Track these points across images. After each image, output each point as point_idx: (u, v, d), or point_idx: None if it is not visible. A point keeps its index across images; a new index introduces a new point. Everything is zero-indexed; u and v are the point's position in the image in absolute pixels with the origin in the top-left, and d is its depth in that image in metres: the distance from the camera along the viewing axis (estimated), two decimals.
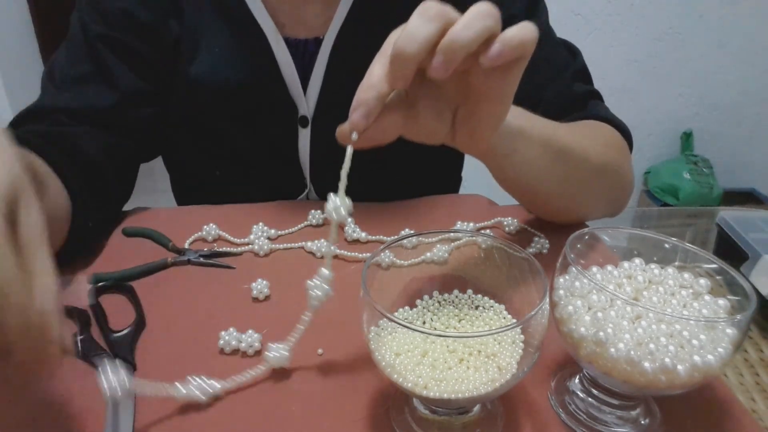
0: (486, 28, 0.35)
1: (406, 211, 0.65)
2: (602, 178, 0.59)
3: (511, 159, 0.51)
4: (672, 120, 1.90)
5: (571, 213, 0.60)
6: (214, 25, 0.62)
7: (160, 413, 0.39)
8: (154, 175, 0.93)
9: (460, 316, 0.40)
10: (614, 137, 0.63)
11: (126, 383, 0.35)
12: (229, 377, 0.40)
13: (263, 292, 0.50)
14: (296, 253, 0.57)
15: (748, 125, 1.91)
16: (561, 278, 0.39)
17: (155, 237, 0.58)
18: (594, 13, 1.76)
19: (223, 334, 0.45)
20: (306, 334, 0.43)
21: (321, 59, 0.63)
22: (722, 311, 0.37)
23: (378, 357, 0.35)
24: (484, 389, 0.33)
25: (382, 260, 0.40)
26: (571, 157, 0.54)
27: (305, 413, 0.39)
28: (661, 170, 1.90)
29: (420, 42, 0.35)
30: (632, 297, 0.38)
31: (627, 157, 0.64)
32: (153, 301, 0.50)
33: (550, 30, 0.68)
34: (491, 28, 0.35)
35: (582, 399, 0.40)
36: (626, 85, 1.84)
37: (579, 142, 0.55)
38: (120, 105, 0.61)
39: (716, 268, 0.38)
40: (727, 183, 1.89)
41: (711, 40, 1.79)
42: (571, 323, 0.36)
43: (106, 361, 0.42)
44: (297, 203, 0.67)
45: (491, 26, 0.35)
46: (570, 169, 0.55)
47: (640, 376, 0.34)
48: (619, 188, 0.63)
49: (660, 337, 0.34)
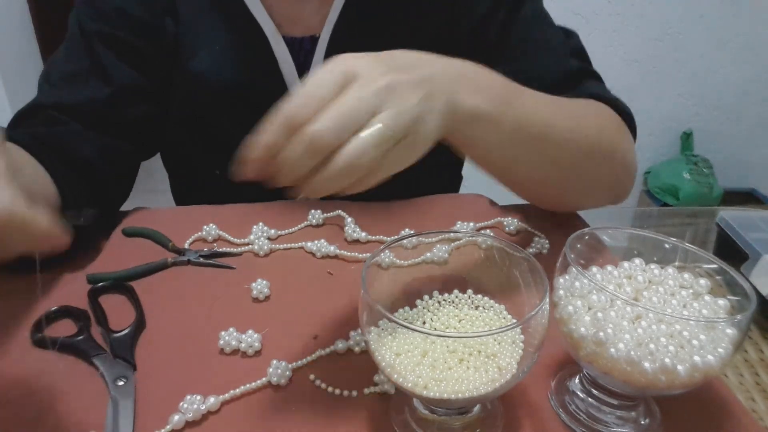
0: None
1: (406, 211, 0.65)
2: (596, 161, 0.55)
3: (473, 149, 0.48)
4: (672, 120, 1.90)
5: (563, 200, 0.58)
6: (213, 23, 0.62)
7: (161, 413, 0.39)
8: (154, 175, 0.93)
9: (460, 316, 0.40)
10: (610, 116, 0.59)
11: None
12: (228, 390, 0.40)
13: (263, 292, 0.50)
14: (296, 253, 0.57)
15: (748, 125, 1.91)
16: (561, 278, 0.39)
17: (155, 237, 0.58)
18: (594, 13, 1.76)
19: (223, 334, 0.45)
20: (305, 333, 0.43)
21: (318, 57, 0.64)
22: (722, 311, 0.37)
23: (378, 357, 0.35)
24: (484, 389, 0.33)
25: (382, 260, 0.40)
26: (555, 139, 0.50)
27: (305, 413, 0.39)
28: (661, 170, 1.90)
29: (262, 149, 0.35)
30: (632, 297, 0.38)
31: (625, 138, 0.59)
32: (153, 301, 0.50)
33: (543, 13, 0.67)
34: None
35: (582, 399, 0.39)
36: (626, 85, 1.83)
37: (565, 122, 0.51)
38: (114, 100, 0.61)
39: (716, 268, 0.38)
40: (727, 183, 1.89)
41: (711, 40, 1.79)
42: (571, 323, 0.36)
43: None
44: (297, 203, 0.67)
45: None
46: (554, 154, 0.51)
47: (640, 377, 0.34)
48: (619, 171, 0.59)
49: (660, 338, 0.34)
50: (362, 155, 0.34)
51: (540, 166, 0.52)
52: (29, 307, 0.48)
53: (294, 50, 0.64)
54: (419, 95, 0.37)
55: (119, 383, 0.40)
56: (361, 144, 0.34)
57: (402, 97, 0.36)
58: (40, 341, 0.45)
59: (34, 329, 0.46)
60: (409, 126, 0.37)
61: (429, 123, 0.38)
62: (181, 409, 0.38)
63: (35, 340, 0.45)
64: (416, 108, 0.37)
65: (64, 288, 0.51)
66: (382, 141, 0.35)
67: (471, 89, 0.43)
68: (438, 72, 0.41)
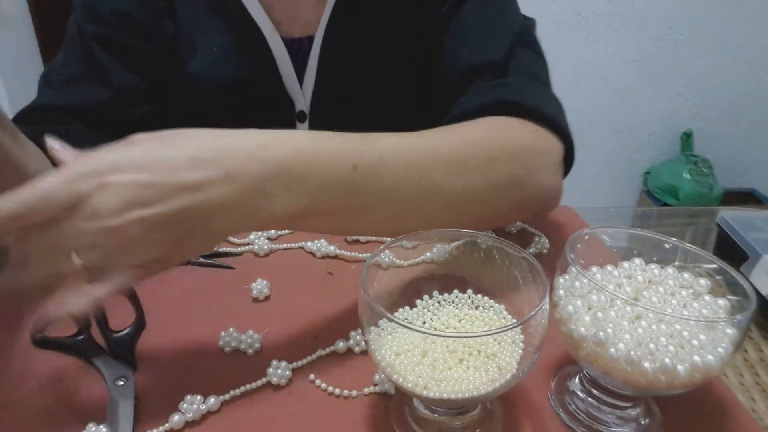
0: None
1: None
2: (489, 199, 0.47)
3: (307, 229, 0.43)
4: (672, 120, 1.90)
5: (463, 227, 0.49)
6: (211, 23, 0.63)
7: (161, 413, 0.39)
8: None
9: (460, 316, 0.40)
10: (510, 138, 0.49)
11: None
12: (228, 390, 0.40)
13: (263, 292, 0.50)
14: (296, 253, 0.57)
15: (748, 125, 1.91)
16: (561, 278, 0.39)
17: None
18: (594, 13, 1.76)
19: (223, 334, 0.45)
20: (305, 333, 0.43)
21: (314, 54, 0.64)
22: (722, 311, 0.37)
23: (378, 357, 0.35)
24: (484, 389, 0.33)
25: (382, 260, 0.40)
26: (423, 200, 0.43)
27: (305, 413, 0.39)
28: (661, 170, 1.90)
29: None
30: (632, 297, 0.38)
31: (531, 155, 0.49)
32: (153, 301, 0.50)
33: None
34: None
35: (582, 399, 0.39)
36: (626, 85, 1.84)
37: (440, 177, 0.43)
38: (113, 102, 0.62)
39: (716, 268, 0.38)
40: (727, 183, 1.89)
41: (711, 40, 1.79)
42: (571, 323, 0.36)
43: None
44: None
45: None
46: (426, 210, 0.44)
47: (640, 376, 0.34)
48: (531, 192, 0.50)
49: (660, 337, 0.34)
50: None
51: (419, 220, 0.44)
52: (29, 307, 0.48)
53: (292, 50, 0.64)
54: (160, 237, 0.34)
55: (119, 383, 0.40)
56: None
57: (127, 252, 0.34)
58: (40, 341, 0.45)
59: (35, 329, 0.46)
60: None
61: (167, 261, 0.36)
62: (181, 409, 0.38)
63: (35, 340, 0.45)
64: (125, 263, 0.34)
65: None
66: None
67: (289, 186, 0.37)
68: (235, 175, 0.36)
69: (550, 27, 1.73)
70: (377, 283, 0.38)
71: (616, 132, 1.91)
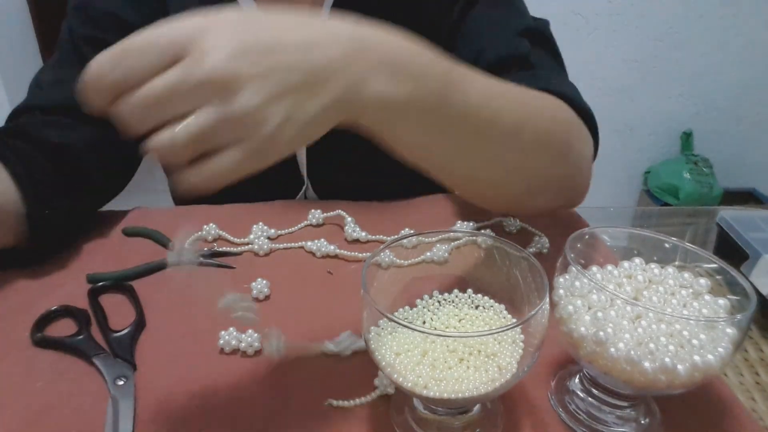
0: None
1: (406, 211, 0.65)
2: (547, 159, 0.50)
3: (392, 139, 0.42)
4: (672, 120, 1.90)
5: (508, 199, 0.54)
6: None
7: (161, 413, 0.39)
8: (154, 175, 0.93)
9: (460, 315, 0.40)
10: (565, 112, 0.53)
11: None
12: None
13: (263, 291, 0.50)
14: (296, 253, 0.57)
15: (748, 125, 1.91)
16: (561, 278, 0.39)
17: (155, 237, 0.58)
18: (594, 13, 1.76)
19: (223, 334, 0.45)
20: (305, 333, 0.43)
21: None
22: (722, 311, 0.37)
23: (378, 357, 0.35)
24: (484, 389, 0.33)
25: (382, 260, 0.40)
26: (501, 131, 0.45)
27: (305, 413, 0.39)
28: (661, 170, 1.90)
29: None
30: (632, 297, 0.38)
31: (580, 137, 0.54)
32: (153, 301, 0.50)
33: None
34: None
35: (582, 399, 0.39)
36: (626, 85, 1.84)
37: (514, 114, 0.46)
38: None
39: (716, 267, 0.38)
40: (727, 183, 1.89)
41: (711, 40, 1.79)
42: (571, 323, 0.36)
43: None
44: (297, 203, 0.67)
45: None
46: (497, 148, 0.46)
47: (640, 376, 0.34)
48: (573, 173, 0.53)
49: (660, 337, 0.34)
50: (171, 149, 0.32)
51: (483, 161, 0.47)
52: (29, 307, 0.48)
53: None
54: (279, 89, 0.33)
55: (119, 383, 0.40)
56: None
57: (243, 91, 0.33)
58: (40, 341, 0.45)
59: (34, 329, 0.46)
60: (242, 130, 0.34)
61: (291, 124, 0.35)
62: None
63: (35, 340, 0.45)
64: (259, 108, 0.33)
65: (64, 288, 0.51)
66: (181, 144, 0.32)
67: (391, 75, 0.37)
68: (339, 55, 0.35)
69: None
70: (377, 282, 0.38)
71: (616, 132, 1.91)
